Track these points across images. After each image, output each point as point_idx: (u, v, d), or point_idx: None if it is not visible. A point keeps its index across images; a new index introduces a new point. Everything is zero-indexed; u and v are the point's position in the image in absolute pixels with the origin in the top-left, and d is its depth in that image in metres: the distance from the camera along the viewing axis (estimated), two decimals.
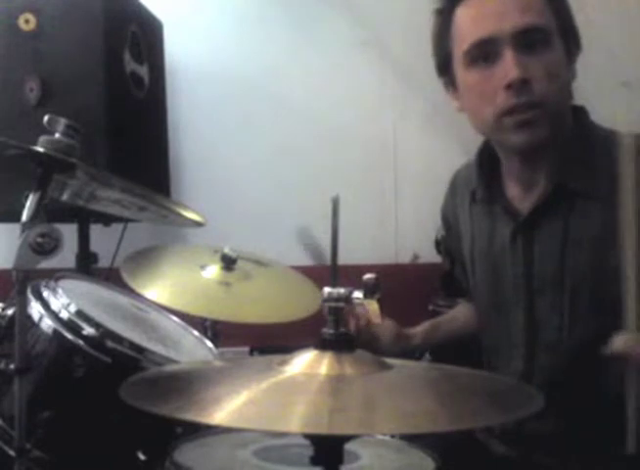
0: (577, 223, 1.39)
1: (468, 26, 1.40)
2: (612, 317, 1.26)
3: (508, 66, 1.34)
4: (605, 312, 1.32)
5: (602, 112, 1.55)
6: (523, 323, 1.47)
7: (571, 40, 1.43)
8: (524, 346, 1.47)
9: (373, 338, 1.57)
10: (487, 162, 1.52)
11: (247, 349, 2.81)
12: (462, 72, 1.43)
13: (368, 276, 1.07)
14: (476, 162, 1.56)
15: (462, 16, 1.41)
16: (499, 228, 1.50)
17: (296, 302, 1.97)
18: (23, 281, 1.25)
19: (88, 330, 1.43)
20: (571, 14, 1.44)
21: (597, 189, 1.37)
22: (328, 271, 1.08)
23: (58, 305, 1.47)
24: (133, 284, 1.76)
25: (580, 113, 1.47)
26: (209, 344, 1.77)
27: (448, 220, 1.72)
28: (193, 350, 1.72)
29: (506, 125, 1.38)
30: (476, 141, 1.61)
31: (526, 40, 1.35)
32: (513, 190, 1.49)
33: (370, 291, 1.08)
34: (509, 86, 1.34)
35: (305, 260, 2.35)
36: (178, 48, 2.87)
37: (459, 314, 1.81)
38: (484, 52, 1.37)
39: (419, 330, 1.72)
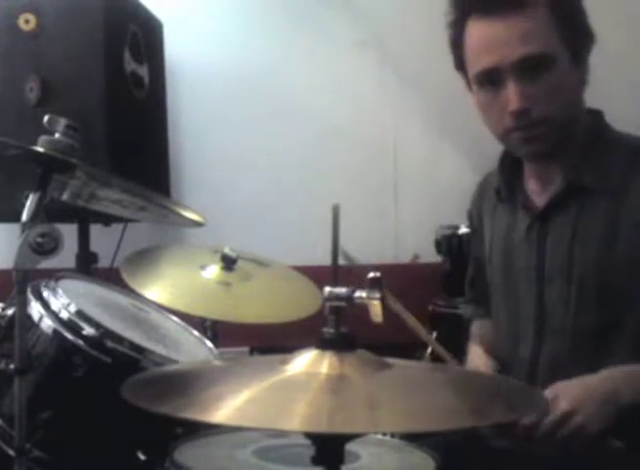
0: (586, 218, 1.48)
1: (475, 53, 1.48)
2: (616, 308, 1.43)
3: (510, 95, 1.43)
4: (610, 303, 1.44)
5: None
6: (533, 311, 1.54)
7: (579, 48, 1.47)
8: (532, 333, 1.54)
9: None
10: (510, 162, 1.62)
11: (247, 349, 2.81)
12: (475, 89, 1.52)
13: (372, 275, 1.07)
14: (498, 162, 1.65)
15: (471, 35, 1.48)
16: (518, 222, 1.60)
17: (296, 302, 1.97)
18: (23, 281, 1.25)
19: (88, 330, 1.43)
20: (578, 18, 1.47)
21: (606, 186, 1.47)
22: (328, 271, 1.08)
23: (58, 305, 1.47)
24: (133, 284, 1.76)
25: (596, 115, 1.56)
26: (209, 344, 1.77)
27: (473, 222, 1.81)
28: (193, 350, 1.72)
29: (513, 140, 1.49)
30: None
31: (528, 68, 1.42)
32: (532, 185, 1.59)
33: (374, 290, 1.08)
34: (511, 113, 1.44)
35: (305, 260, 2.35)
36: (178, 48, 2.87)
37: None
38: (490, 79, 1.46)
39: None
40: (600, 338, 1.45)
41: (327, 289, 1.03)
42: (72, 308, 1.47)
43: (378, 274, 1.09)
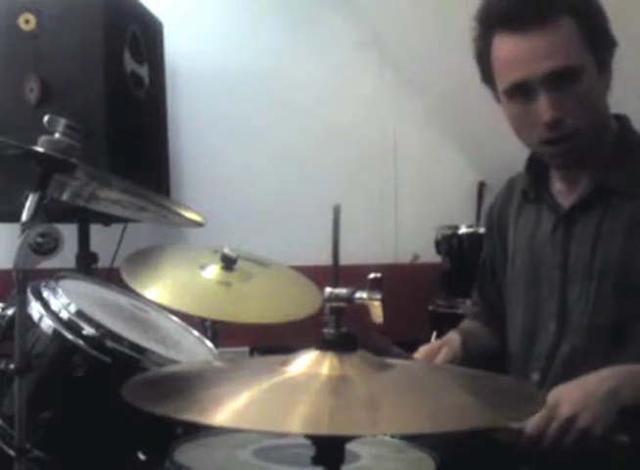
0: (611, 220, 1.51)
1: (504, 68, 1.51)
2: (631, 309, 1.47)
3: (543, 107, 1.46)
4: (626, 304, 1.48)
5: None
6: (555, 310, 1.57)
7: (604, 55, 1.50)
8: (553, 331, 1.56)
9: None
10: (537, 163, 1.64)
11: (247, 349, 2.81)
12: (505, 102, 1.54)
13: (373, 276, 1.07)
14: (525, 164, 1.67)
15: (498, 49, 1.51)
16: (543, 222, 1.63)
17: (296, 302, 1.97)
18: (23, 281, 1.25)
19: (88, 330, 1.43)
20: (602, 25, 1.50)
21: (633, 189, 1.51)
22: (328, 272, 1.08)
23: (58, 305, 1.47)
24: (133, 284, 1.76)
25: (623, 120, 1.60)
26: (209, 344, 1.77)
27: (492, 220, 1.82)
28: (193, 350, 1.72)
29: (546, 152, 1.54)
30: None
31: (557, 79, 1.45)
32: (559, 186, 1.62)
33: (374, 291, 1.08)
34: (545, 124, 1.46)
35: (305, 260, 2.35)
36: (178, 48, 2.87)
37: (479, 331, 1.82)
38: (521, 91, 1.49)
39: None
40: (614, 338, 1.48)
41: (327, 290, 1.02)
42: (72, 308, 1.46)
43: (378, 275, 1.08)
